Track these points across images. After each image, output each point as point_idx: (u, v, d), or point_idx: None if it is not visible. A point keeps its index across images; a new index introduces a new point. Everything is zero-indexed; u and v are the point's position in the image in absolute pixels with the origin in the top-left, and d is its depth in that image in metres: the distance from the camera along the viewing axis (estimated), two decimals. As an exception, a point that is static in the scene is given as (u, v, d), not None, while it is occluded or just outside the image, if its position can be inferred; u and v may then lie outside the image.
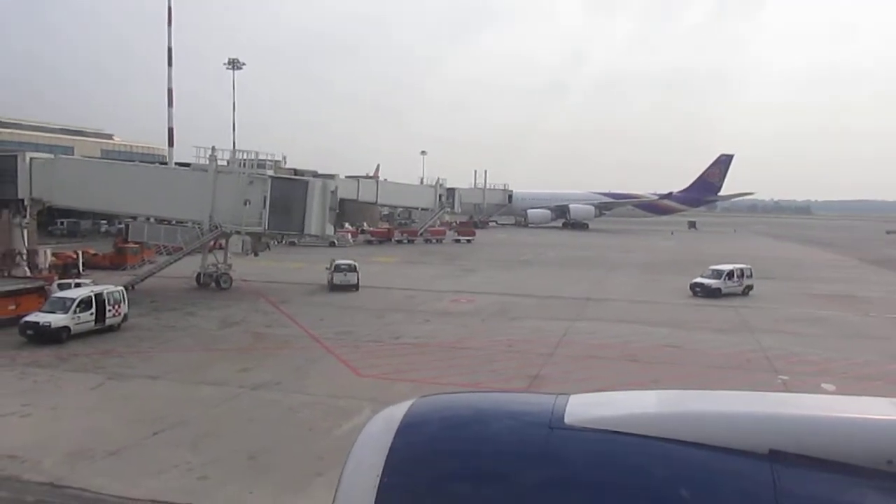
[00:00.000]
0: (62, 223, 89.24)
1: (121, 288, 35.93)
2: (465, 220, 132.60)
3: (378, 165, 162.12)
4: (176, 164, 73.07)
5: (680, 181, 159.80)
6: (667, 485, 3.27)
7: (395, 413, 3.80)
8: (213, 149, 48.11)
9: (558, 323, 39.00)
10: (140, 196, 48.55)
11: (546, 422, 3.57)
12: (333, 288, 49.32)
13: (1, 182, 49.29)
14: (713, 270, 50.77)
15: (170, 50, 79.28)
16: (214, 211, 47.04)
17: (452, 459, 3.57)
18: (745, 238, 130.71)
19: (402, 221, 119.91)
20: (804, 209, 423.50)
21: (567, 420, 3.56)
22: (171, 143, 78.31)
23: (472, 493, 3.39)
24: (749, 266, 52.50)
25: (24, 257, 50.25)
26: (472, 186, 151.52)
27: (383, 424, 3.73)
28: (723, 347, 33.63)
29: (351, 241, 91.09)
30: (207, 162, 48.17)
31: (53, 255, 58.26)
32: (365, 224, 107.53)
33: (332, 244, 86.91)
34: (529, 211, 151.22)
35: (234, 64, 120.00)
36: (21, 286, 37.01)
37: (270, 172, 48.83)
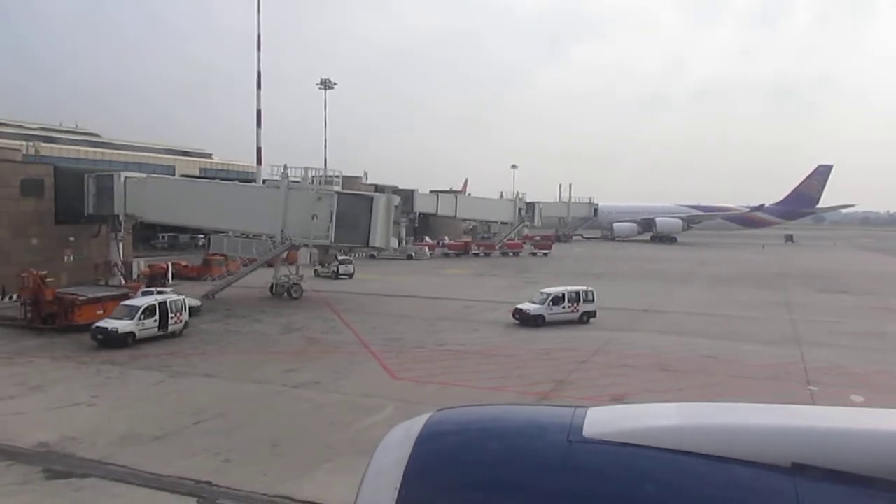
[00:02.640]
0: (163, 237, 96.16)
1: (183, 297, 39.03)
2: (549, 233, 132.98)
3: (466, 180, 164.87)
4: (264, 180, 77.60)
5: (784, 191, 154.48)
6: (688, 499, 3.25)
7: (414, 425, 3.82)
8: (286, 166, 51.44)
9: (602, 333, 39.72)
10: (220, 211, 52.41)
11: (565, 435, 3.57)
12: (338, 276, 62.65)
13: (100, 199, 54.38)
14: (541, 294, 43.44)
15: (259, 74, 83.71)
16: (286, 225, 50.14)
17: (470, 472, 3.57)
18: (843, 252, 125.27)
19: (484, 235, 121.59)
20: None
21: (586, 433, 3.56)
22: (259, 162, 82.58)
23: None
24: (589, 289, 43.68)
25: (120, 268, 55.17)
26: (557, 200, 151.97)
27: (401, 436, 3.75)
28: (762, 359, 33.57)
29: (428, 253, 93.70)
30: (280, 179, 51.42)
31: (148, 266, 63.43)
32: (446, 238, 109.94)
33: (410, 257, 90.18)
34: (615, 224, 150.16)
35: (326, 84, 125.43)
36: (107, 293, 40.93)
37: (337, 188, 51.50)
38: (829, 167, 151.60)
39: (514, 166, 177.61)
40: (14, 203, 51.01)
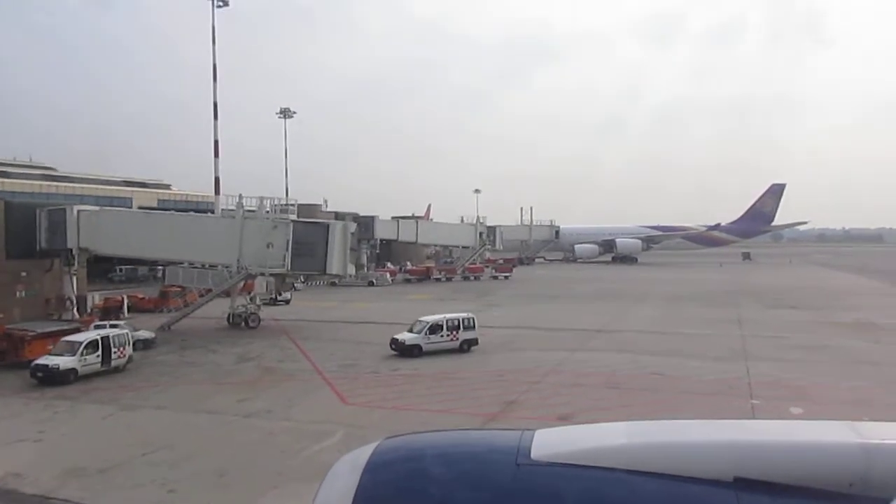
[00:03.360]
0: (121, 270, 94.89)
1: (126, 331, 38.66)
2: (511, 257, 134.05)
3: (429, 205, 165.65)
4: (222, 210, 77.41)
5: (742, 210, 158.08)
6: None
7: (361, 455, 3.83)
8: (240, 196, 51.58)
9: (558, 353, 40.33)
10: (175, 242, 52.28)
11: (513, 458, 3.61)
12: (276, 302, 61.85)
13: (52, 233, 53.85)
14: (418, 322, 41.60)
15: (215, 104, 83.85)
16: (242, 254, 50.11)
17: (420, 500, 3.56)
18: (798, 268, 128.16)
19: (446, 260, 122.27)
20: (876, 237, 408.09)
21: (534, 455, 3.60)
22: (217, 192, 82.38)
23: None
24: (470, 315, 42.28)
25: (74, 302, 54.53)
26: (519, 223, 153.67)
27: (349, 467, 3.74)
28: (708, 375, 34.42)
29: (389, 279, 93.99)
30: (235, 208, 51.51)
31: (104, 299, 62.76)
32: (408, 263, 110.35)
33: (371, 283, 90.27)
34: (577, 246, 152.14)
35: (286, 113, 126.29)
36: (58, 328, 40.47)
37: (293, 216, 51.70)
38: (783, 185, 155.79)
39: (476, 191, 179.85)
40: (-37, 239, 50.27)
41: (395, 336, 40.89)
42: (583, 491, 3.41)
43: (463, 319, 41.54)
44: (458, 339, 40.92)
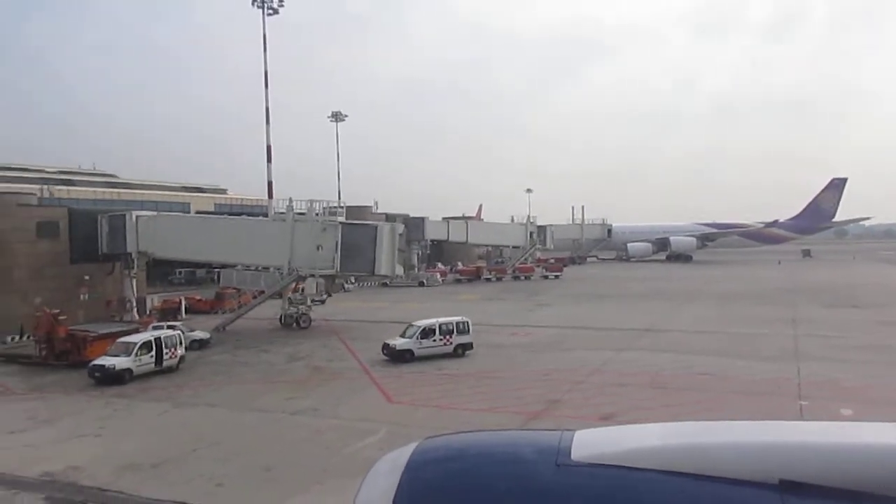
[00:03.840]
0: (180, 272, 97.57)
1: (177, 333, 39.86)
2: (562, 256, 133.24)
3: (480, 205, 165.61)
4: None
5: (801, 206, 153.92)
6: None
7: (401, 455, 3.84)
8: (290, 200, 52.72)
9: (604, 353, 40.19)
10: (229, 246, 53.74)
11: (552, 459, 3.59)
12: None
13: (113, 238, 55.94)
14: (411, 326, 41.01)
15: (267, 110, 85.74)
16: (293, 256, 51.25)
17: (459, 500, 3.56)
18: (861, 266, 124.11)
19: (497, 260, 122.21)
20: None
21: (574, 456, 3.58)
22: (270, 196, 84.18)
23: None
24: (464, 320, 41.31)
25: (133, 304, 56.55)
26: (571, 222, 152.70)
27: (389, 466, 3.77)
28: (758, 375, 33.85)
29: (440, 280, 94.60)
30: (286, 212, 52.71)
31: (163, 301, 64.96)
32: (459, 263, 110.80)
33: (422, 284, 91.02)
34: (629, 245, 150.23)
35: (337, 116, 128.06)
36: (117, 329, 42.11)
37: (342, 219, 52.61)
38: (844, 180, 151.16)
39: (528, 190, 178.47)
40: (30, 245, 52.63)
41: (387, 341, 40.08)
42: (623, 492, 3.37)
43: (457, 323, 40.79)
44: (451, 343, 40.09)
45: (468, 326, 40.96)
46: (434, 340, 39.75)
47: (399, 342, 39.61)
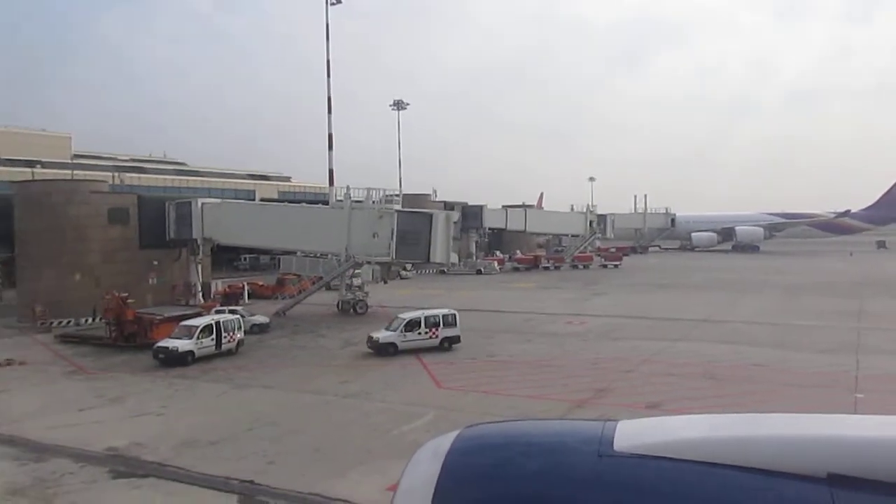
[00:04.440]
0: (245, 258, 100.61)
1: (236, 317, 41.22)
2: (624, 245, 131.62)
3: (542, 194, 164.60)
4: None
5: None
6: None
7: (444, 442, 3.82)
8: (348, 188, 53.75)
9: (658, 343, 39.89)
10: (288, 233, 55.22)
11: (595, 449, 3.56)
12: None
13: (180, 225, 58.05)
14: (397, 318, 39.93)
15: (329, 99, 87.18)
16: (350, 243, 52.32)
17: (501, 488, 3.55)
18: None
19: (557, 248, 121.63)
20: None
21: (616, 447, 3.55)
22: (331, 183, 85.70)
23: None
24: (451, 312, 40.13)
25: (199, 288, 58.64)
26: (633, 211, 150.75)
27: (431, 453, 3.76)
28: (814, 367, 33.17)
29: (497, 268, 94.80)
30: (343, 199, 53.78)
31: (228, 286, 67.14)
32: (518, 252, 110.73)
33: (479, 272, 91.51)
34: (694, 234, 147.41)
35: (399, 105, 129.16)
36: (181, 312, 43.84)
37: (398, 207, 53.38)
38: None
39: (591, 178, 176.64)
40: (102, 230, 55.07)
41: (371, 334, 39.38)
42: (667, 484, 3.33)
43: (444, 316, 39.80)
44: (437, 336, 39.13)
45: (455, 319, 39.92)
46: (419, 333, 38.73)
47: (382, 335, 38.67)
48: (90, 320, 50.90)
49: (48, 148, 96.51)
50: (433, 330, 39.09)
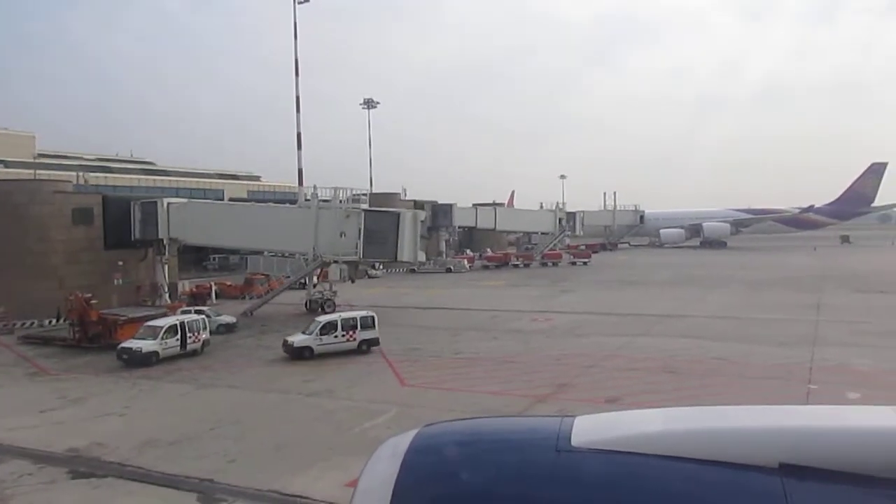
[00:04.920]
0: (214, 258, 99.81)
1: (201, 317, 41.08)
2: (593, 242, 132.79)
3: (513, 192, 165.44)
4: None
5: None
6: (677, 503, 3.30)
7: (402, 441, 3.84)
8: (315, 187, 53.87)
9: (620, 339, 40.51)
10: (256, 232, 55.08)
11: (552, 445, 3.59)
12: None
13: (146, 225, 57.54)
14: (314, 321, 39.30)
15: (297, 98, 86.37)
16: (317, 243, 52.31)
17: (460, 485, 3.56)
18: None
19: (527, 246, 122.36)
20: None
21: (574, 442, 3.58)
22: (300, 183, 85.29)
23: None
24: (369, 314, 39.60)
25: (166, 289, 58.22)
26: (602, 208, 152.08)
27: (389, 453, 3.77)
28: (771, 360, 33.93)
29: (467, 266, 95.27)
30: (310, 199, 53.77)
31: (196, 286, 66.71)
32: (488, 250, 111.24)
33: (449, 270, 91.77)
34: (662, 231, 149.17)
35: (369, 104, 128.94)
36: (145, 313, 43.60)
37: (365, 206, 53.50)
38: (884, 165, 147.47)
39: (562, 176, 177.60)
40: (66, 231, 54.38)
41: (287, 338, 38.62)
42: (623, 477, 3.40)
43: (361, 318, 38.94)
44: (355, 339, 38.18)
45: (374, 321, 39.07)
46: (335, 336, 37.76)
47: (298, 339, 37.82)
48: (54, 321, 50.30)
49: (11, 147, 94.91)
50: (350, 333, 38.14)
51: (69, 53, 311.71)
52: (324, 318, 38.90)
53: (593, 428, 3.73)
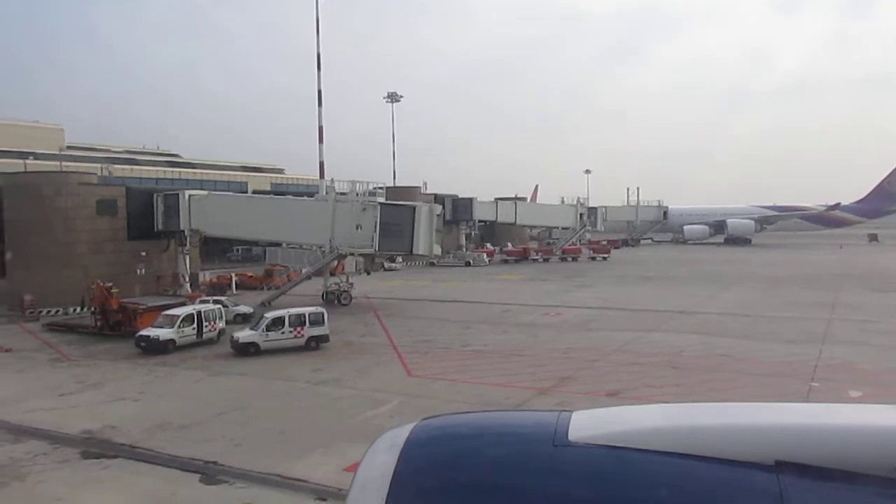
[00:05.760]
0: (238, 250, 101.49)
1: (217, 307, 42.15)
2: (615, 238, 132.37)
3: (536, 186, 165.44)
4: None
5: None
6: (672, 499, 3.30)
7: (400, 433, 3.85)
8: (332, 180, 54.70)
9: (630, 333, 40.78)
10: (274, 224, 56.11)
11: (549, 439, 3.60)
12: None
13: (168, 216, 58.85)
14: (263, 317, 38.74)
15: (319, 92, 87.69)
16: (334, 235, 53.12)
17: (456, 478, 3.60)
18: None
19: (549, 241, 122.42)
20: None
21: (571, 437, 3.60)
22: (321, 176, 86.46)
23: None
24: (320, 311, 38.85)
25: (186, 279, 59.52)
26: (626, 203, 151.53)
27: (387, 446, 3.79)
28: (776, 357, 34.06)
29: (486, 260, 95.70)
30: (327, 192, 54.62)
31: (218, 277, 68.11)
32: (509, 244, 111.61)
33: (468, 264, 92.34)
34: (686, 227, 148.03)
35: (393, 97, 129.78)
36: (164, 302, 44.69)
37: (381, 199, 54.19)
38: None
39: (587, 171, 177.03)
40: (91, 222, 55.84)
41: (233, 333, 38.33)
42: (620, 473, 3.41)
43: (310, 314, 38.23)
44: (303, 335, 37.53)
45: (323, 317, 38.40)
46: (283, 332, 37.22)
47: (243, 334, 37.52)
48: (79, 310, 51.75)
49: (41, 140, 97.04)
50: (298, 329, 37.55)
51: (99, 49, 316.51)
52: (271, 315, 38.34)
53: (590, 423, 3.76)
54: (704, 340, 38.48)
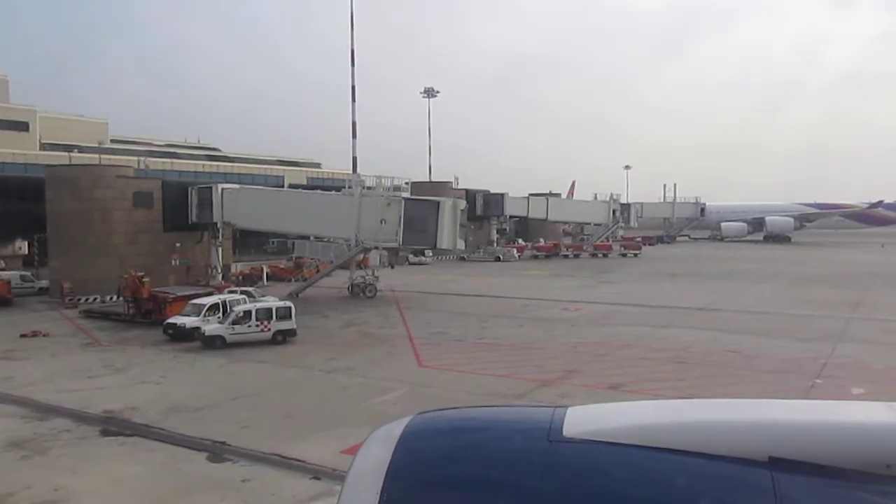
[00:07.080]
0: (273, 242, 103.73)
1: (244, 297, 43.48)
2: (650, 235, 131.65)
3: (573, 182, 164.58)
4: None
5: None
6: (667, 495, 3.30)
7: (395, 427, 3.86)
8: (358, 175, 55.93)
9: (643, 329, 41.21)
10: (302, 218, 57.68)
11: (545, 435, 3.62)
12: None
13: (201, 209, 60.83)
14: (229, 311, 38.87)
15: (353, 88, 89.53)
16: (359, 229, 54.42)
17: (451, 473, 3.62)
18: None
19: (582, 237, 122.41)
20: None
21: (566, 433, 3.60)
22: (354, 170, 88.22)
23: None
24: (286, 304, 39.27)
25: (219, 270, 61.46)
26: (662, 200, 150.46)
27: (383, 438, 3.80)
28: (786, 354, 34.20)
29: (516, 255, 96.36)
30: (353, 187, 55.93)
31: (250, 268, 70.11)
32: (541, 240, 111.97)
33: (498, 258, 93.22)
34: (723, 224, 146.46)
35: (430, 92, 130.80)
36: (192, 291, 46.46)
37: (406, 194, 55.29)
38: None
39: (627, 167, 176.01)
40: (127, 213, 58.09)
41: (199, 326, 38.41)
42: (614, 468, 3.43)
43: (277, 308, 38.47)
44: (270, 329, 37.69)
45: (290, 312, 38.58)
46: (249, 326, 37.40)
47: (209, 327, 37.79)
48: (114, 298, 53.92)
49: (86, 133, 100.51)
50: (264, 323, 37.74)
51: (148, 44, 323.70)
52: (238, 308, 38.73)
53: (585, 418, 3.78)
54: (716, 337, 38.67)
